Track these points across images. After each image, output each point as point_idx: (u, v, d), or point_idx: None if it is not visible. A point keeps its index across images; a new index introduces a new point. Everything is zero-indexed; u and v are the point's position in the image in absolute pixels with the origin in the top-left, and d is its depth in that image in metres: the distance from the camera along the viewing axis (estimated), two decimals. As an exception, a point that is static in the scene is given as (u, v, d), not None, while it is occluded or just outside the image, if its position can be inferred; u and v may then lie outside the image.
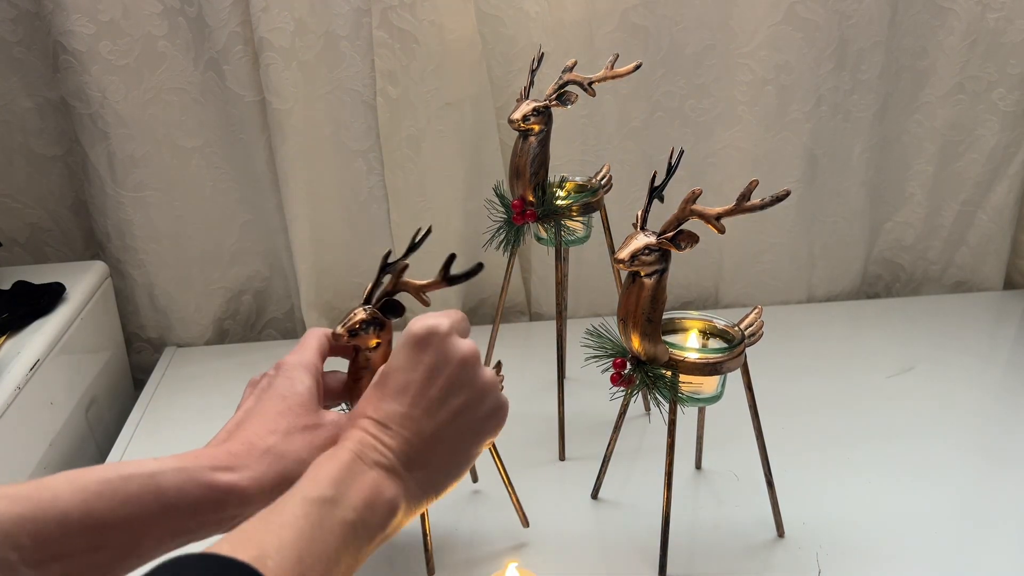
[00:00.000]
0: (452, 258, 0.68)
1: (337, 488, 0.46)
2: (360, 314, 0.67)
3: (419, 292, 0.69)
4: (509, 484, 0.82)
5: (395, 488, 0.49)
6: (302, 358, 0.58)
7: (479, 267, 0.65)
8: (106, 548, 0.45)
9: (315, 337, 0.63)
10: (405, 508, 0.50)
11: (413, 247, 0.69)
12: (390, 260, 0.69)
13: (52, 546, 0.43)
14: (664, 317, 0.73)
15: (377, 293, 0.69)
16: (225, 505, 0.49)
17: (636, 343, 0.72)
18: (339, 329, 0.67)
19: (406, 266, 0.72)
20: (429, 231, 0.70)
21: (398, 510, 0.49)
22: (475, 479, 0.91)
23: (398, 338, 0.56)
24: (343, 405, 0.68)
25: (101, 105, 1.08)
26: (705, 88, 1.16)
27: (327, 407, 0.61)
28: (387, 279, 0.70)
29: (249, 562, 0.38)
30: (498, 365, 0.56)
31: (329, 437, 0.54)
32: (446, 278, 0.67)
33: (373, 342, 0.68)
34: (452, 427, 0.52)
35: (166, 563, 0.38)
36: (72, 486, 0.45)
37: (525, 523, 0.84)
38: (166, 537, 0.48)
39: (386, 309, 0.68)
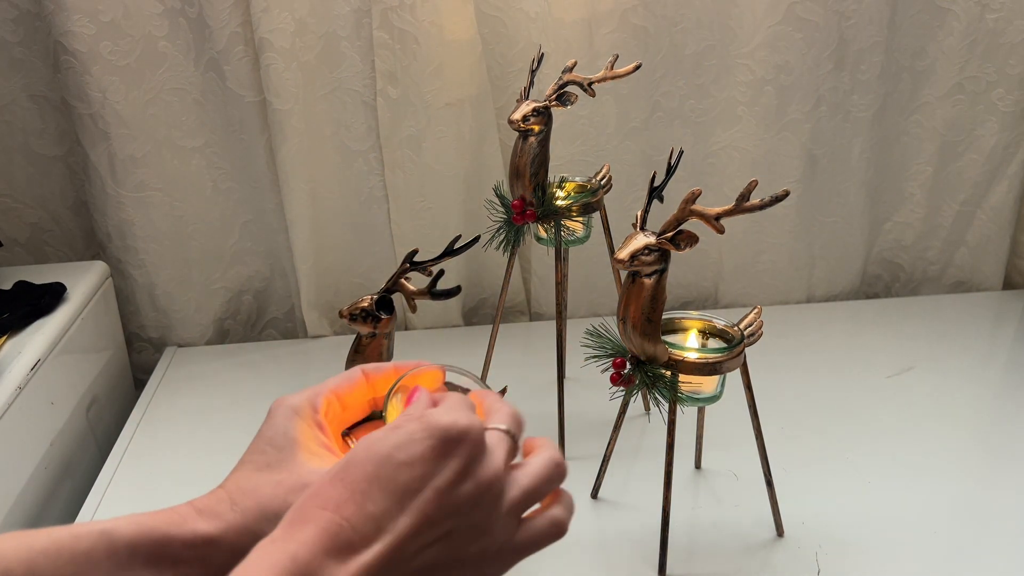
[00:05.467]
0: (440, 274, 0.70)
1: None
2: (365, 301, 0.72)
3: (410, 298, 0.72)
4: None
5: None
6: (292, 399, 0.49)
7: (458, 289, 0.72)
8: None
9: (338, 376, 0.52)
10: None
11: (449, 253, 0.72)
12: (415, 259, 0.72)
13: None
14: (664, 317, 0.73)
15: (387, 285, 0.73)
16: (186, 559, 0.44)
17: (636, 343, 0.72)
18: (343, 310, 0.72)
19: (407, 268, 0.73)
20: (475, 240, 0.73)
21: None
22: None
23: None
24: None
25: (102, 105, 1.08)
26: (705, 88, 1.16)
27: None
28: (407, 276, 0.74)
29: None
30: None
31: (298, 482, 0.45)
32: (431, 292, 0.71)
33: (367, 330, 0.72)
34: (439, 562, 0.40)
35: None
36: (18, 545, 0.42)
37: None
38: None
39: (379, 304, 0.71)
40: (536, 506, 0.44)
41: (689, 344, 0.77)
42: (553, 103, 0.86)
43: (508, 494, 0.41)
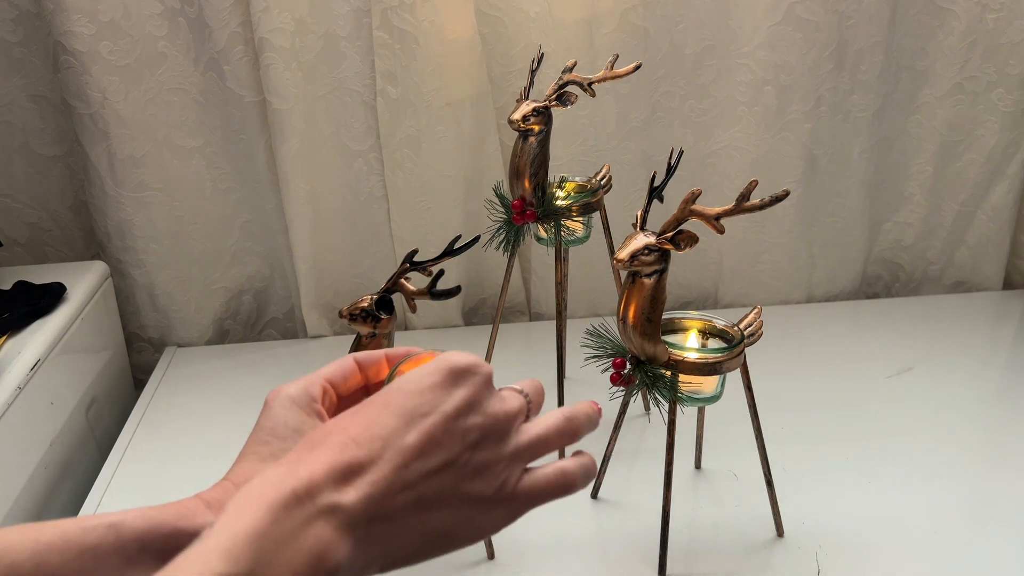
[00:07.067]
0: (440, 274, 0.70)
1: (256, 558, 0.33)
2: (365, 301, 0.72)
3: (410, 298, 0.72)
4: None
5: (345, 551, 0.36)
6: (288, 388, 0.49)
7: (458, 289, 0.72)
8: None
9: (331, 364, 0.53)
10: None
11: (449, 253, 0.72)
12: (415, 259, 0.72)
13: None
14: (664, 317, 0.73)
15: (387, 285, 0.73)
16: None
17: (636, 343, 0.72)
18: (343, 310, 0.72)
19: (407, 268, 0.73)
20: (475, 240, 0.73)
21: None
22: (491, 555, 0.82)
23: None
24: None
25: (101, 105, 1.08)
26: (705, 88, 1.16)
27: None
28: (405, 276, 0.74)
29: None
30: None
31: None
32: (431, 292, 0.71)
33: (367, 330, 0.72)
34: (441, 493, 0.39)
35: None
36: (25, 538, 0.42)
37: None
38: None
39: (379, 304, 0.71)
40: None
41: (689, 344, 0.77)
42: (553, 103, 0.86)
43: (516, 438, 0.42)
